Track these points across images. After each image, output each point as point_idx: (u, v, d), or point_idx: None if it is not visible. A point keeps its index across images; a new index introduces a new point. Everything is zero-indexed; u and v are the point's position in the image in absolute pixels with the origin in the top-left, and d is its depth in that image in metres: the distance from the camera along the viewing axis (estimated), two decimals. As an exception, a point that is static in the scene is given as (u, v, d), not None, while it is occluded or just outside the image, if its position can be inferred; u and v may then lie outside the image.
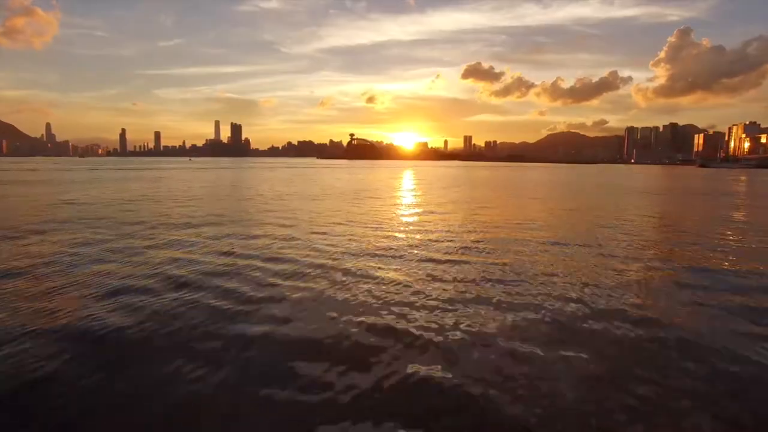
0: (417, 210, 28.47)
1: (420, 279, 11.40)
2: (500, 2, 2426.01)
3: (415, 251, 14.90)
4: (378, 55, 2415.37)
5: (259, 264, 12.82)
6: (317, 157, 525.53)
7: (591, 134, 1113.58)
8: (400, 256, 14.10)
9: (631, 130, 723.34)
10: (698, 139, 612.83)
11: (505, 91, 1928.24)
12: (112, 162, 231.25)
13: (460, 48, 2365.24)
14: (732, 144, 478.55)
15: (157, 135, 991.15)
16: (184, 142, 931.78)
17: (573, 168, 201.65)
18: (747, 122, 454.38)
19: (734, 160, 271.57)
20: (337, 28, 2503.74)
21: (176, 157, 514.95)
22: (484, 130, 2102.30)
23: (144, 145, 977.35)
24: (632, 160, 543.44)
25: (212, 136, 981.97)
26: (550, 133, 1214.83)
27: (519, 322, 8.36)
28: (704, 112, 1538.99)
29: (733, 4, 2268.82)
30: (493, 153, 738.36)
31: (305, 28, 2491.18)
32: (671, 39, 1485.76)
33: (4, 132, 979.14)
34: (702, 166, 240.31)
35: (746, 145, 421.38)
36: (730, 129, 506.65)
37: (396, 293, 10.06)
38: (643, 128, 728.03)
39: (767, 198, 46.22)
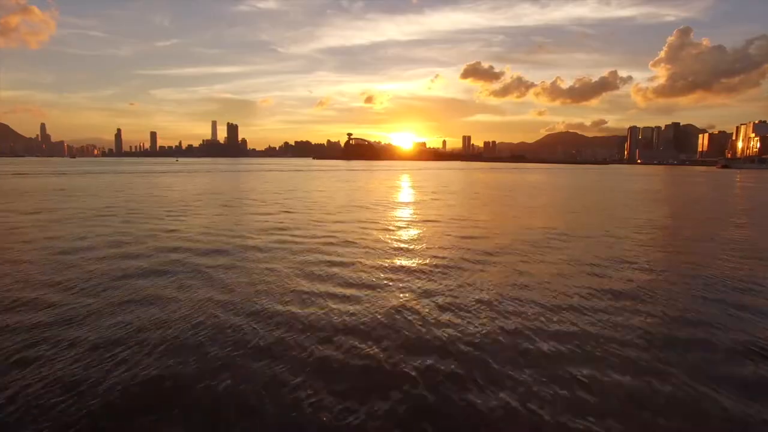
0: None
1: None
2: (498, 2, 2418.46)
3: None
4: (376, 55, 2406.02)
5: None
6: (314, 158, 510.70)
7: (590, 134, 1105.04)
8: None
9: (633, 129, 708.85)
10: (703, 139, 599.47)
11: (504, 91, 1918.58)
12: (96, 162, 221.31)
13: (458, 48, 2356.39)
14: (740, 144, 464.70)
15: (153, 135, 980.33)
16: (180, 143, 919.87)
17: (592, 170, 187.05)
18: (756, 121, 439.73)
19: (761, 161, 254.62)
20: (335, 28, 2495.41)
21: (164, 158, 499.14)
22: (482, 130, 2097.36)
23: (140, 146, 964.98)
24: (638, 161, 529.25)
25: (209, 137, 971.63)
26: (548, 132, 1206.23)
27: None
28: (702, 111, 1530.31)
29: (729, 4, 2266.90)
30: (492, 153, 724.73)
31: (302, 29, 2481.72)
32: (671, 39, 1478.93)
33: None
34: (725, 166, 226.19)
35: (757, 144, 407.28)
36: (737, 128, 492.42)
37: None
38: (644, 128, 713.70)
39: None
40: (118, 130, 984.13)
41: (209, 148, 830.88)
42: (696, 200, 45.70)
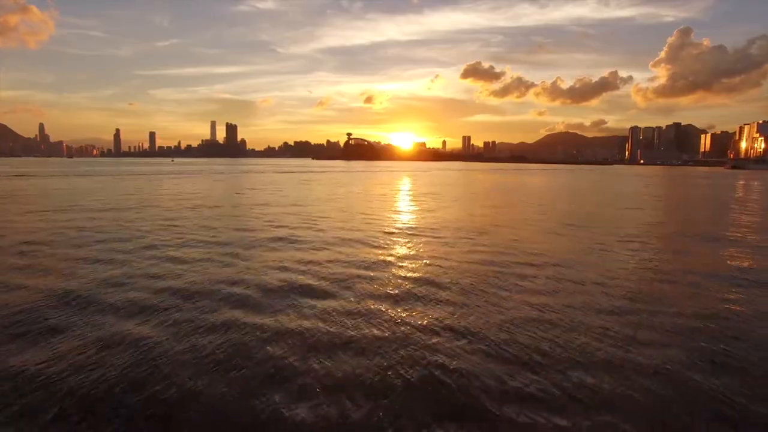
0: None
1: None
2: (497, 2, 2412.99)
3: None
4: (376, 55, 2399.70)
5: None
6: (313, 158, 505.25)
7: (589, 134, 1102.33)
8: None
9: (634, 129, 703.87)
10: (705, 140, 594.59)
11: (504, 91, 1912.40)
12: (91, 162, 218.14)
13: (458, 48, 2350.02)
14: (744, 144, 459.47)
15: (152, 135, 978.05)
16: (179, 143, 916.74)
17: (599, 172, 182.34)
18: (761, 121, 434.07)
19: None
20: (334, 28, 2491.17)
21: (161, 158, 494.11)
22: (482, 130, 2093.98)
23: (139, 146, 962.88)
24: (641, 161, 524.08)
25: (209, 137, 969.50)
26: (548, 133, 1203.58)
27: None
28: (702, 111, 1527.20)
29: (729, 4, 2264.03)
30: (492, 153, 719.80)
31: (302, 29, 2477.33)
32: (671, 39, 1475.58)
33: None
34: (734, 167, 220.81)
35: (762, 145, 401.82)
36: (740, 129, 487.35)
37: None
38: (645, 128, 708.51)
39: None
40: (117, 130, 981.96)
41: (208, 149, 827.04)
42: None
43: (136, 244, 18.11)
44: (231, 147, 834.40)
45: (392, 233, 21.64)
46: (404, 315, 10.19)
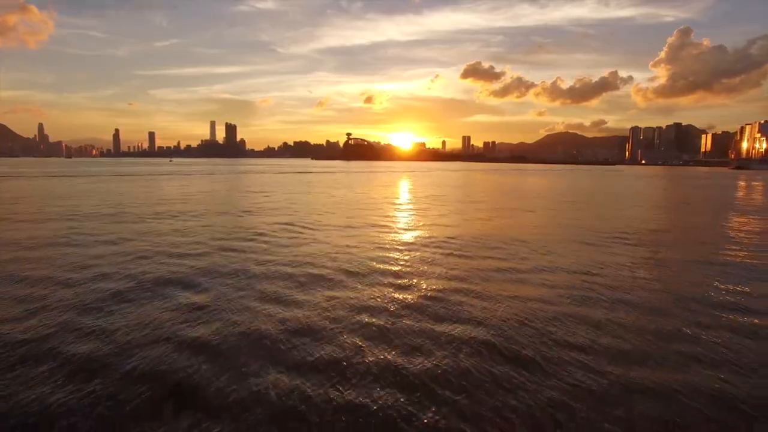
0: None
1: None
2: (497, 2, 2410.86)
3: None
4: (375, 55, 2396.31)
5: None
6: (312, 158, 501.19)
7: (589, 134, 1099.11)
8: None
9: (635, 130, 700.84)
10: (705, 140, 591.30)
11: (504, 91, 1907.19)
12: (86, 163, 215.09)
13: (458, 48, 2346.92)
14: (745, 144, 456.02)
15: (152, 135, 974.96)
16: (179, 143, 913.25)
17: (603, 172, 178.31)
18: (762, 121, 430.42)
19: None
20: (334, 28, 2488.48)
21: (159, 158, 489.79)
22: (481, 131, 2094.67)
23: (138, 146, 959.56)
24: (642, 161, 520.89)
25: (208, 137, 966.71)
26: (548, 133, 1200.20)
27: None
28: (702, 111, 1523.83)
29: (729, 4, 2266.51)
30: (492, 153, 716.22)
31: (301, 29, 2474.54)
32: (671, 39, 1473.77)
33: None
34: (739, 167, 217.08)
35: (764, 145, 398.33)
36: (741, 129, 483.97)
37: None
38: (645, 128, 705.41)
39: None
40: (116, 131, 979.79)
41: (207, 149, 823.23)
42: None
43: (75, 267, 14.37)
44: (230, 147, 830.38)
45: (401, 248, 18.01)
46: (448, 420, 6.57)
